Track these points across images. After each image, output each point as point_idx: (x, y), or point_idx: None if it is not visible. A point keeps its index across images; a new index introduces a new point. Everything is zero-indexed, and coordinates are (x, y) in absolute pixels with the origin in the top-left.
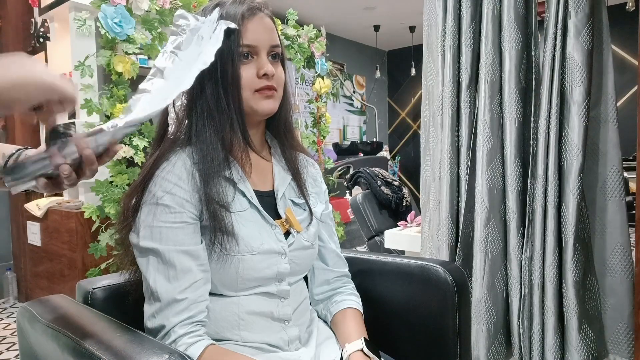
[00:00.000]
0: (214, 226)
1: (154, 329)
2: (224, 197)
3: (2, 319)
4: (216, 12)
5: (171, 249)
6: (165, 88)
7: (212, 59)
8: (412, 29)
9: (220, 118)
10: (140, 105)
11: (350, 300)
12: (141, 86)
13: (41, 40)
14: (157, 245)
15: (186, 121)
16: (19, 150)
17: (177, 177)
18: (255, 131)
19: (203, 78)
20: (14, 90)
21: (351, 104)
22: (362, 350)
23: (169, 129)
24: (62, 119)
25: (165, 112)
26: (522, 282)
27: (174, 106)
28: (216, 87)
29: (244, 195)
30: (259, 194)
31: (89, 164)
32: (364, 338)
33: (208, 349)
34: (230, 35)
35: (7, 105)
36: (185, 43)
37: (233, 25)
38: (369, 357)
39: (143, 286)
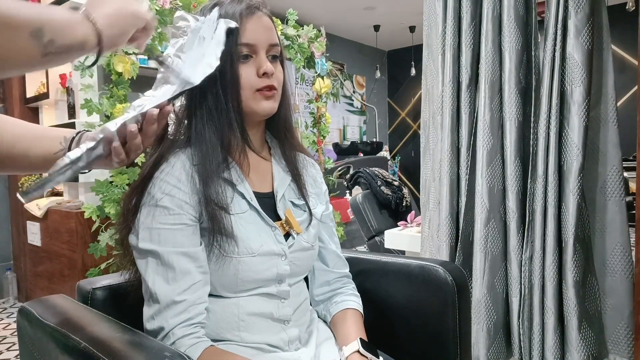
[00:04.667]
0: (213, 228)
1: (153, 330)
2: (223, 198)
3: (2, 319)
4: (215, 11)
5: (170, 251)
6: (171, 90)
7: (218, 62)
8: (412, 29)
9: (220, 118)
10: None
11: (351, 300)
12: (147, 94)
13: None
14: (156, 247)
15: (185, 121)
16: (79, 133)
17: (176, 178)
18: (255, 131)
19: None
20: (127, 21)
21: (351, 104)
22: (358, 351)
23: (169, 129)
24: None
25: None
26: (522, 282)
27: (173, 106)
28: (215, 86)
29: (244, 197)
30: (259, 196)
31: (132, 138)
32: (360, 339)
33: (207, 350)
34: (230, 34)
35: (124, 33)
36: (187, 45)
37: (234, 25)
38: (366, 358)
39: (142, 288)
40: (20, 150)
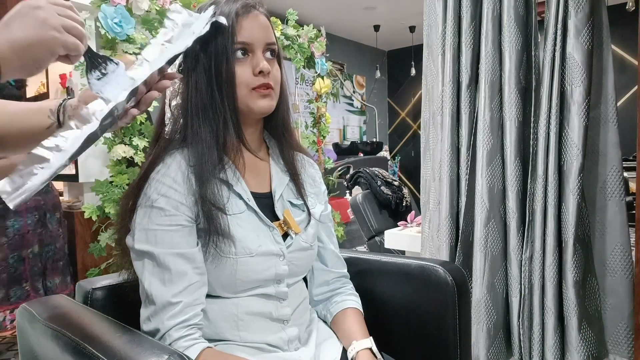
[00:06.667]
0: (210, 228)
1: (150, 332)
2: (219, 198)
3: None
4: (211, 10)
5: (166, 252)
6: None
7: (190, 44)
8: (412, 29)
9: (215, 116)
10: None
11: (351, 300)
12: (127, 73)
13: None
14: (152, 248)
15: (181, 120)
16: (61, 104)
17: (171, 179)
18: (253, 130)
19: (198, 76)
20: (25, 53)
21: (351, 104)
22: (370, 349)
23: (166, 128)
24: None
25: (162, 112)
26: (522, 282)
27: (170, 106)
28: (210, 84)
29: (241, 198)
30: (257, 196)
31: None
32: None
33: (204, 352)
34: (221, 30)
35: (29, 66)
36: (175, 37)
37: (222, 20)
38: (376, 357)
39: (139, 289)
40: (16, 128)
